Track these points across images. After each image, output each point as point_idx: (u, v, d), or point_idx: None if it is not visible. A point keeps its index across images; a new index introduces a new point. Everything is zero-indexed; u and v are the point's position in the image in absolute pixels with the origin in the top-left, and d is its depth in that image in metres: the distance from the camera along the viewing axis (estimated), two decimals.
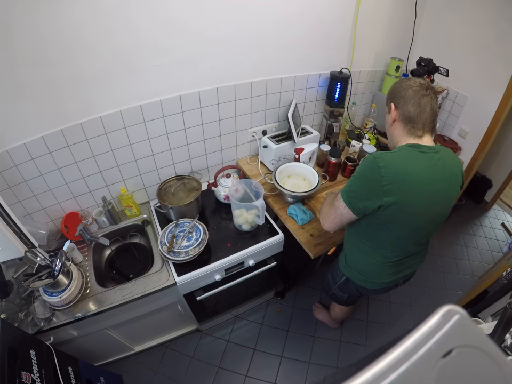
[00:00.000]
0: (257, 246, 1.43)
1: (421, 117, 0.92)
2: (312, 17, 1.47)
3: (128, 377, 1.67)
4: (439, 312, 0.24)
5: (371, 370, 0.21)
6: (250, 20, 1.32)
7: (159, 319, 1.56)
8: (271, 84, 1.58)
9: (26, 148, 1.16)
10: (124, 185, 1.53)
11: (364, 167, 0.93)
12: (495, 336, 0.87)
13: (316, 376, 1.72)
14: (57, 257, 1.14)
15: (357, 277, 1.20)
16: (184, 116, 1.44)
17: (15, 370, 0.91)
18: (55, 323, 1.16)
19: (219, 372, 1.72)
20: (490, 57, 1.63)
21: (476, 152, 1.90)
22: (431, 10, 1.81)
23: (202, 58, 1.32)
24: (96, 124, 1.26)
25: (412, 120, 0.93)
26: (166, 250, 1.30)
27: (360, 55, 1.77)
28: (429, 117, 0.92)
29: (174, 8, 1.14)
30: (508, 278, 1.37)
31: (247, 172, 1.73)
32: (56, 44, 1.02)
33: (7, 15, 0.91)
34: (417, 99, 0.91)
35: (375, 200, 0.90)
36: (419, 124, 0.93)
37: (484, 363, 0.22)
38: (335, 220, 1.04)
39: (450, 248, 2.52)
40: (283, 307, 2.03)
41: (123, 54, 1.15)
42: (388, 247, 1.06)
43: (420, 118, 0.92)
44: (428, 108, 0.91)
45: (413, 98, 0.91)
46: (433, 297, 2.13)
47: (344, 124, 2.01)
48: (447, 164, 0.94)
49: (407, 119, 0.94)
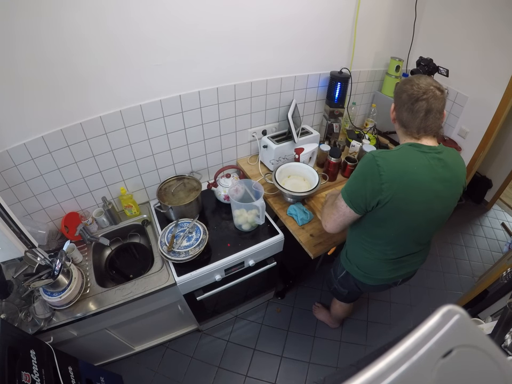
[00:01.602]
0: (257, 246, 1.43)
1: (413, 122, 0.92)
2: (312, 17, 1.47)
3: (128, 377, 1.67)
4: (439, 312, 0.24)
5: (371, 370, 0.21)
6: (250, 19, 1.32)
7: (159, 319, 1.56)
8: (271, 84, 1.58)
9: (26, 148, 1.16)
10: (124, 185, 1.53)
11: (362, 166, 0.94)
12: (495, 336, 0.87)
13: (316, 376, 1.72)
14: (57, 257, 1.14)
15: (356, 271, 1.21)
16: (184, 116, 1.44)
17: (15, 370, 0.91)
18: (55, 323, 1.16)
19: (219, 372, 1.72)
20: (490, 57, 1.63)
21: (476, 152, 1.90)
22: (431, 10, 1.81)
23: (202, 59, 1.32)
24: (96, 123, 1.26)
25: (404, 124, 0.94)
26: (166, 250, 1.30)
27: (360, 55, 1.77)
28: (421, 122, 0.90)
29: (174, 8, 1.14)
30: (508, 278, 1.37)
31: (247, 172, 1.73)
32: (56, 45, 1.02)
33: (8, 17, 0.91)
34: (410, 104, 0.89)
35: (374, 197, 0.91)
36: (412, 129, 0.93)
37: (484, 363, 0.22)
38: (338, 220, 1.04)
39: (450, 248, 2.52)
40: (283, 307, 2.03)
41: (123, 54, 1.15)
42: (387, 244, 1.06)
43: (412, 124, 0.92)
44: (421, 113, 0.89)
45: (406, 103, 0.90)
46: (433, 297, 2.13)
47: (344, 123, 2.01)
48: (449, 165, 0.93)
49: (401, 122, 0.96)
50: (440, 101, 0.88)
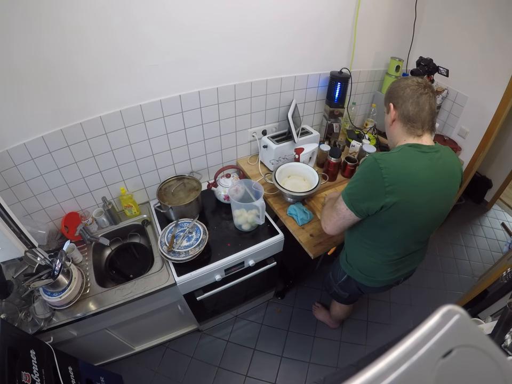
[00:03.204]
0: (257, 246, 1.43)
1: (420, 115, 0.92)
2: (312, 17, 1.47)
3: (128, 377, 1.67)
4: (439, 312, 0.24)
5: (371, 370, 0.21)
6: (250, 19, 1.32)
7: (159, 319, 1.56)
8: (271, 84, 1.58)
9: (26, 148, 1.16)
10: (124, 185, 1.53)
11: (364, 169, 0.93)
12: (495, 336, 0.87)
13: (316, 376, 1.72)
14: (57, 257, 1.14)
15: (358, 275, 1.20)
16: (184, 116, 1.44)
17: (15, 370, 0.91)
18: (55, 323, 1.16)
19: (219, 372, 1.72)
20: (490, 57, 1.63)
21: (476, 152, 1.90)
22: (431, 10, 1.81)
23: (202, 59, 1.32)
24: (96, 123, 1.25)
25: (411, 119, 0.93)
26: (166, 250, 1.30)
27: (360, 55, 1.77)
28: (427, 116, 0.92)
29: (174, 9, 1.14)
30: (508, 278, 1.36)
31: (247, 172, 1.73)
32: (56, 44, 1.02)
33: (8, 17, 0.91)
34: (416, 98, 0.91)
35: (378, 201, 0.90)
36: (418, 123, 0.93)
37: (484, 363, 0.22)
38: (338, 222, 1.04)
39: (450, 248, 2.52)
40: (283, 307, 2.03)
41: (123, 54, 1.15)
42: (389, 246, 1.06)
43: (419, 117, 0.92)
44: (427, 106, 0.91)
45: (412, 97, 0.91)
46: (433, 297, 2.13)
47: (344, 124, 2.01)
48: (446, 163, 0.94)
49: (406, 118, 0.94)
50: (435, 98, 0.93)
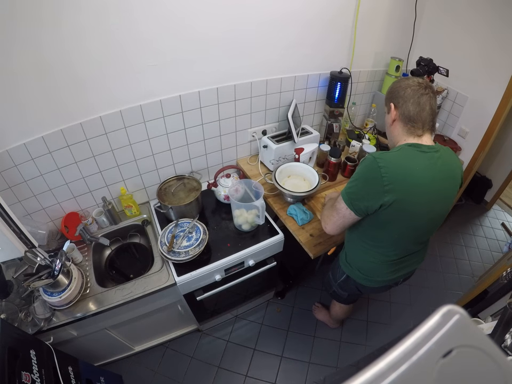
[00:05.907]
0: (257, 246, 1.43)
1: (420, 115, 0.92)
2: (312, 17, 1.47)
3: (128, 377, 1.67)
4: (439, 312, 0.23)
5: (371, 370, 0.21)
6: (250, 19, 1.32)
7: (159, 319, 1.56)
8: (271, 84, 1.58)
9: (26, 148, 1.16)
10: (124, 185, 1.53)
11: (363, 168, 0.93)
12: (495, 336, 0.87)
13: (316, 376, 1.72)
14: (57, 257, 1.14)
15: (358, 275, 1.20)
16: (184, 116, 1.44)
17: (15, 370, 0.91)
18: (55, 323, 1.16)
19: (219, 372, 1.72)
20: (490, 57, 1.63)
21: (476, 152, 1.90)
22: (431, 10, 1.81)
23: (202, 59, 1.32)
24: (96, 123, 1.25)
25: (412, 119, 0.93)
26: (166, 250, 1.30)
27: (360, 55, 1.77)
28: (428, 116, 0.92)
29: (174, 9, 1.14)
30: (508, 278, 1.36)
31: (247, 172, 1.73)
32: (56, 45, 1.02)
33: (8, 18, 0.91)
34: (417, 98, 0.91)
35: (377, 199, 0.90)
36: (419, 123, 0.93)
37: (484, 363, 0.22)
38: (338, 222, 1.04)
39: (450, 248, 2.52)
40: (283, 307, 2.03)
41: (123, 54, 1.15)
42: (389, 246, 1.06)
43: (419, 117, 0.92)
44: (427, 106, 0.91)
45: (412, 97, 0.91)
46: (433, 297, 2.13)
47: (344, 124, 2.01)
48: (446, 163, 0.94)
49: (407, 118, 0.94)
50: (435, 98, 0.93)
